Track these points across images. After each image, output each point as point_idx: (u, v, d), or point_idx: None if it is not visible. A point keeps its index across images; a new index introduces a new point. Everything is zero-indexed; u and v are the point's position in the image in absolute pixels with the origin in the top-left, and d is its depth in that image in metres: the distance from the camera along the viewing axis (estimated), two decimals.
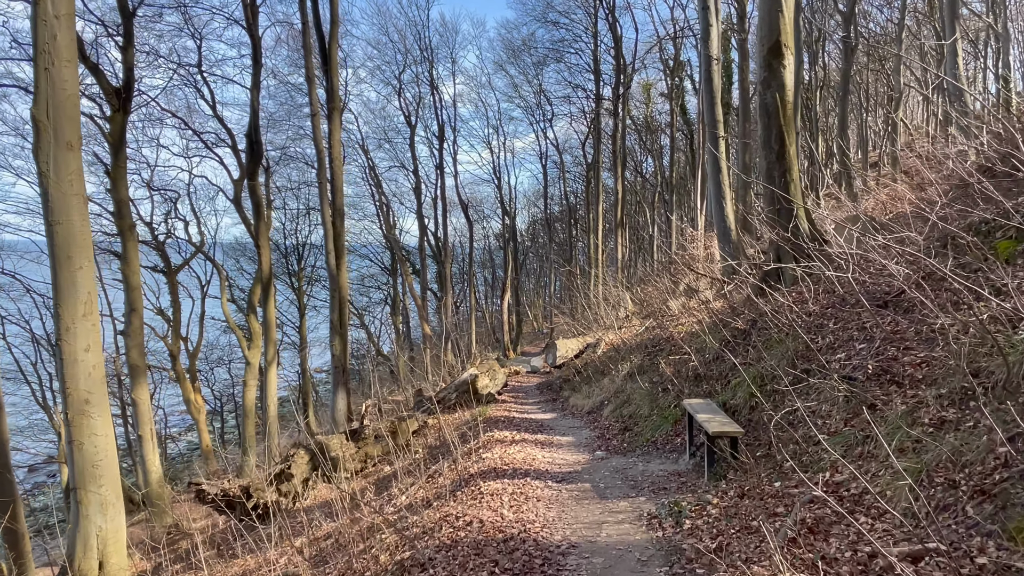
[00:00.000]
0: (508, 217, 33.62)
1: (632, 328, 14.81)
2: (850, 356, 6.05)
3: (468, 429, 10.49)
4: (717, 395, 7.52)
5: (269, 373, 21.23)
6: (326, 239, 17.96)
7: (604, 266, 27.78)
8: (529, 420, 10.43)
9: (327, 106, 17.67)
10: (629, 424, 8.70)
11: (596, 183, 32.57)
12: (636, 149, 43.05)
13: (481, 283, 41.71)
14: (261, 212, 21.03)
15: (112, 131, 17.38)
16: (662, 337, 11.09)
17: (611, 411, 9.77)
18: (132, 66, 17.27)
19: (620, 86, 30.83)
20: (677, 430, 7.55)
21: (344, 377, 18.04)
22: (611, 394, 10.55)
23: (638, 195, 42.52)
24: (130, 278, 17.67)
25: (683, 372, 8.72)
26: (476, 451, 8.00)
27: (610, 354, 13.26)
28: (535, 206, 45.69)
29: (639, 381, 9.77)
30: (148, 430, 18.01)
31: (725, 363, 8.07)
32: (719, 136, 13.85)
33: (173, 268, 26.04)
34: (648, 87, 39.91)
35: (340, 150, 18.14)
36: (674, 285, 14.67)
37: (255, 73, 20.74)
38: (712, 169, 13.92)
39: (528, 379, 18.99)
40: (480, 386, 13.88)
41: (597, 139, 32.16)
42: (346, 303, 18.32)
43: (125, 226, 17.58)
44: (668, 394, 8.51)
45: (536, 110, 35.18)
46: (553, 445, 8.33)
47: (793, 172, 9.68)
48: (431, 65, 29.85)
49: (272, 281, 21.18)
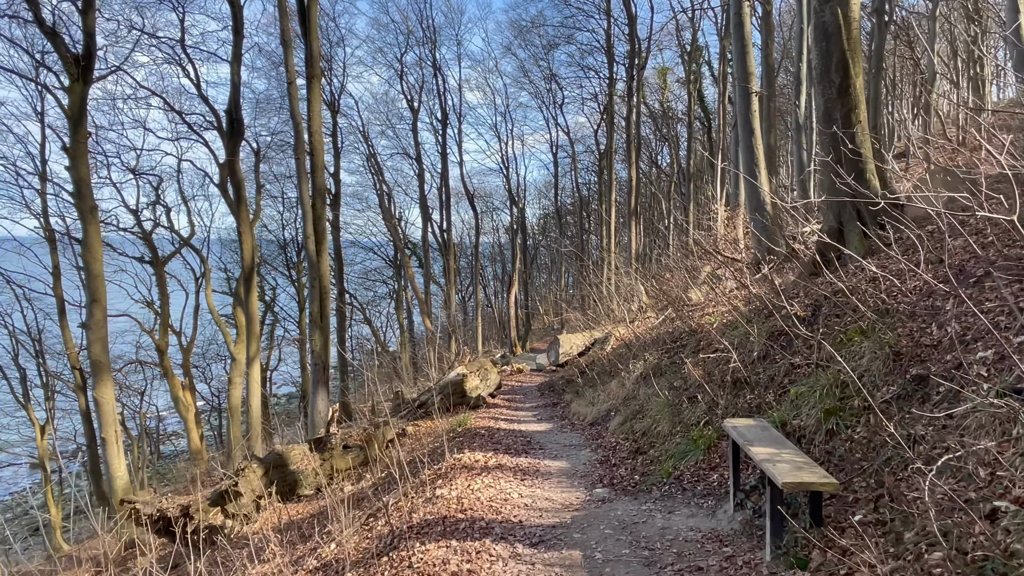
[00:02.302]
0: (516, 207, 31.22)
1: (647, 321, 12.37)
2: (1002, 355, 3.61)
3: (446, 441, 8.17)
4: (770, 410, 5.11)
5: (252, 370, 19.08)
6: (304, 221, 15.74)
7: (617, 256, 25.27)
8: (517, 433, 8.06)
9: (306, 72, 15.44)
10: (643, 445, 6.31)
11: (609, 172, 30.07)
12: (651, 139, 40.41)
13: (491, 277, 39.36)
14: (242, 195, 18.89)
15: (71, 103, 15.33)
16: (684, 330, 8.67)
17: (619, 424, 7.37)
18: (93, 32, 15.18)
19: (635, 67, 28.28)
20: (711, 460, 5.14)
21: (325, 375, 15.80)
22: (620, 401, 8.15)
23: (653, 185, 39.87)
24: (91, 265, 15.59)
25: (717, 375, 6.30)
26: (432, 483, 5.66)
27: (620, 351, 10.85)
28: (545, 198, 43.23)
29: (655, 385, 7.36)
30: (112, 432, 15.86)
31: (777, 364, 5.64)
32: (751, 92, 11.35)
33: (161, 259, 24.06)
34: (664, 73, 37.30)
35: (320, 122, 15.89)
36: (695, 271, 12.21)
37: (236, 45, 18.59)
38: (743, 131, 11.43)
39: (531, 378, 16.63)
40: (469, 388, 11.54)
41: (610, 125, 29.64)
42: (328, 293, 16.12)
43: (86, 208, 15.48)
44: (696, 405, 6.09)
45: (546, 95, 32.73)
46: (539, 475, 5.97)
47: (860, 112, 7.19)
48: (434, 46, 27.57)
49: (255, 272, 19.02)
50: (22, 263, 21.84)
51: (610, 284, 18.94)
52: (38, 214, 20.44)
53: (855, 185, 6.94)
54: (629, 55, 28.59)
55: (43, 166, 20.25)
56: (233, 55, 18.57)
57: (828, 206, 7.24)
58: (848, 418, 4.31)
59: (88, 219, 15.33)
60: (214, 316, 22.34)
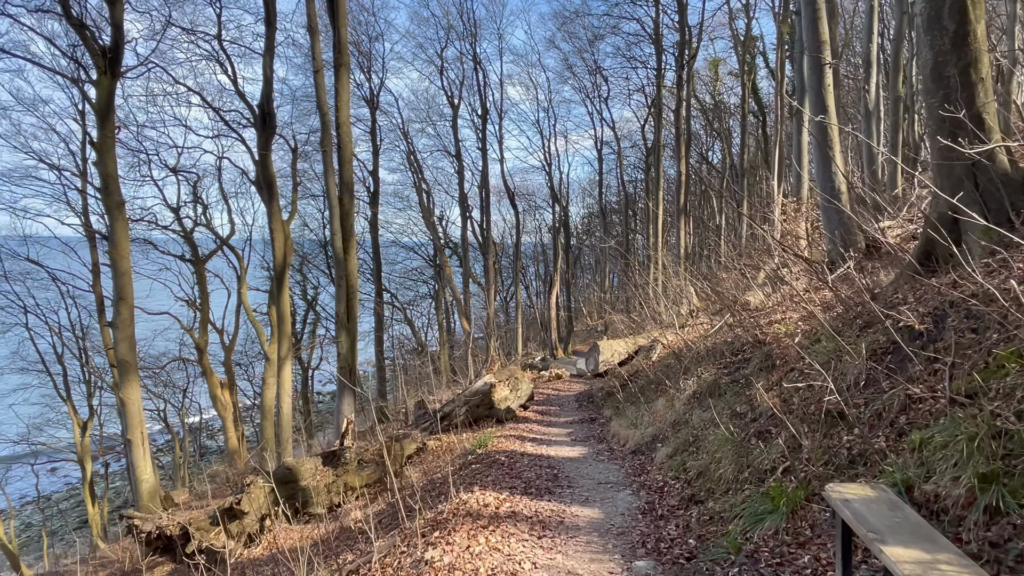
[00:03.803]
0: (559, 205, 29.74)
1: (698, 327, 10.78)
2: None
3: (459, 467, 6.87)
4: (882, 462, 3.59)
5: (283, 370, 18.25)
6: (331, 218, 14.75)
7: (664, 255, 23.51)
8: (543, 462, 6.69)
9: (333, 60, 14.45)
10: (698, 491, 4.85)
11: (656, 168, 28.28)
12: (702, 135, 38.27)
13: (533, 278, 37.97)
14: (274, 192, 18.08)
15: (98, 97, 14.79)
16: (747, 341, 7.12)
17: (667, 457, 5.92)
18: (120, 24, 14.57)
19: (685, 58, 26.41)
20: (798, 530, 3.66)
21: (351, 379, 14.77)
22: (667, 425, 6.68)
23: (704, 183, 37.71)
24: (119, 262, 15.02)
25: (798, 404, 4.78)
26: (426, 536, 4.35)
27: (668, 361, 9.34)
28: (590, 196, 41.50)
29: (712, 410, 5.87)
30: (138, 433, 15.23)
31: (886, 394, 4.10)
32: (824, 63, 9.64)
33: (201, 257, 23.66)
34: (716, 64, 35.19)
35: (348, 113, 14.86)
36: (755, 268, 10.56)
37: (268, 37, 17.77)
38: (815, 109, 9.73)
39: (570, 386, 15.20)
40: (497, 399, 10.22)
41: (658, 119, 27.87)
42: (356, 293, 15.07)
43: (112, 203, 14.90)
44: (771, 445, 4.59)
45: (591, 89, 31.14)
46: (562, 529, 4.59)
47: (982, 67, 5.53)
48: (475, 39, 26.37)
49: (286, 270, 18.20)
50: (67, 261, 21.73)
51: (657, 285, 17.31)
52: (79, 212, 20.22)
53: (977, 159, 5.33)
54: (679, 45, 26.76)
55: (84, 164, 20.00)
56: (265, 48, 17.79)
57: (939, 187, 5.60)
58: (1021, 491, 2.78)
59: (115, 215, 14.76)
60: (249, 315, 21.73)
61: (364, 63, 25.66)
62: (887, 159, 17.78)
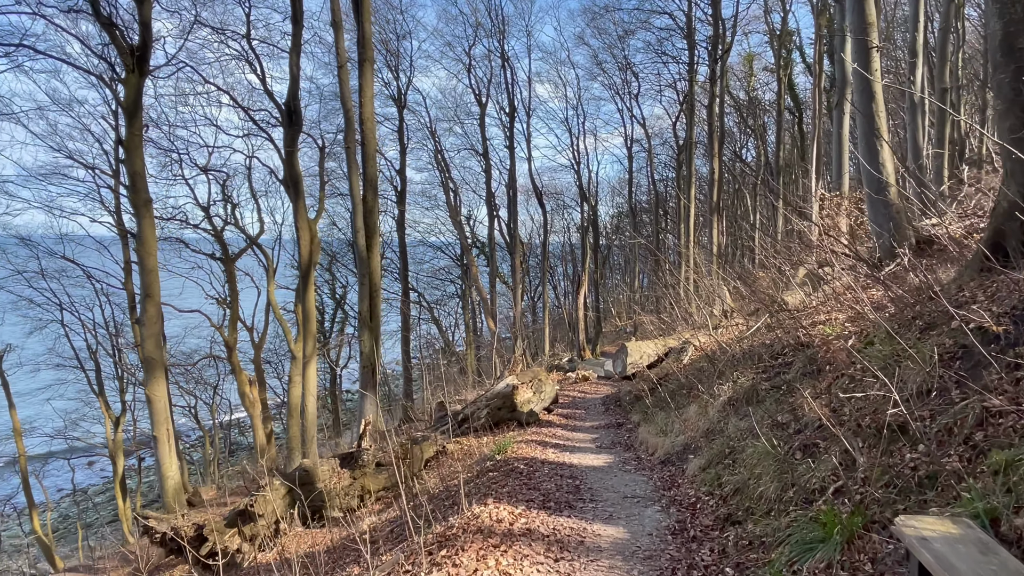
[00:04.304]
0: (587, 204, 29.12)
1: (733, 328, 10.16)
2: None
3: (475, 475, 6.44)
4: (956, 486, 3.04)
5: (307, 369, 18.05)
6: (354, 215, 14.52)
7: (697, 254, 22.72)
8: (565, 470, 6.21)
9: (357, 55, 14.20)
10: (735, 510, 4.33)
11: (688, 165, 27.50)
12: (735, 132, 37.21)
13: (561, 277, 37.38)
14: (300, 190, 17.91)
15: (126, 95, 14.80)
16: (788, 343, 6.53)
17: (700, 469, 5.39)
18: (148, 22, 14.55)
19: (718, 52, 25.58)
20: (855, 564, 3.12)
21: (373, 379, 14.49)
22: (700, 434, 6.15)
23: (737, 181, 36.64)
24: (145, 260, 14.97)
25: (850, 415, 4.22)
26: (432, 553, 3.93)
27: (700, 364, 8.76)
28: (619, 195, 40.68)
29: (751, 418, 5.33)
30: (164, 431, 15.18)
31: (957, 405, 3.53)
32: (871, 46, 8.95)
33: (231, 256, 23.77)
34: (750, 59, 34.17)
35: (372, 109, 14.59)
36: (795, 265, 9.90)
37: (295, 35, 17.61)
38: (861, 97, 9.05)
39: (597, 388, 14.67)
40: (519, 402, 9.76)
41: (690, 116, 27.07)
42: (379, 291, 14.80)
43: (140, 201, 14.87)
44: (820, 460, 4.04)
45: (621, 86, 30.45)
46: (582, 551, 4.12)
47: None
48: (503, 36, 25.97)
49: (311, 268, 18.02)
50: (101, 260, 22.02)
51: (688, 284, 16.64)
52: (112, 211, 20.45)
53: None
54: (712, 40, 25.93)
55: (116, 163, 20.20)
56: (292, 46, 17.64)
57: (1010, 171, 4.97)
58: None
59: (143, 212, 14.75)
60: (276, 313, 21.71)
61: (392, 61, 25.51)
62: (933, 153, 16.86)
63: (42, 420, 22.44)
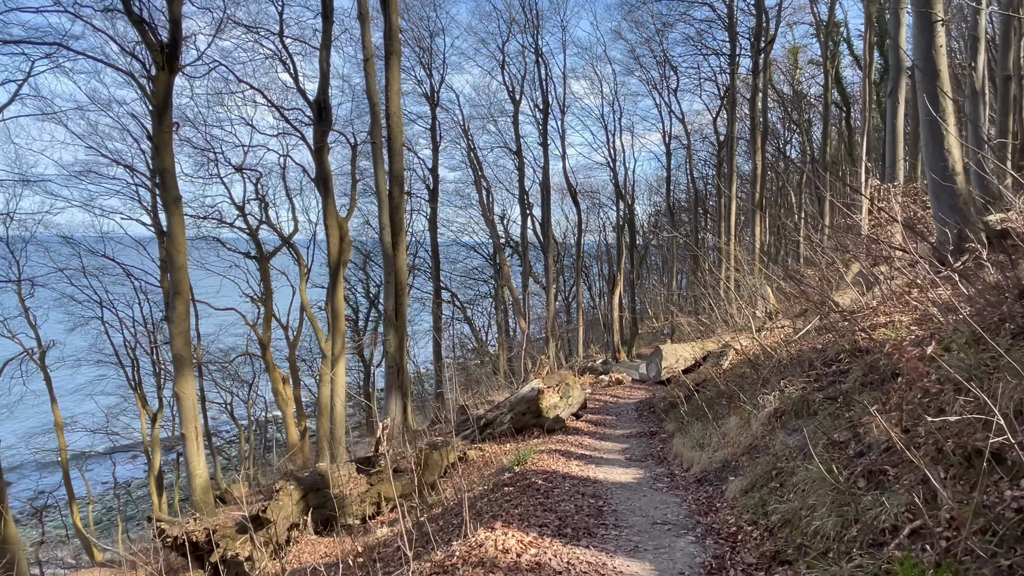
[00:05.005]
0: (623, 202, 28.25)
1: (778, 331, 9.32)
2: None
3: (489, 489, 5.85)
4: None
5: (336, 368, 17.80)
6: (380, 212, 14.13)
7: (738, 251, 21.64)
8: (588, 487, 5.54)
9: (384, 48, 13.82)
10: (785, 546, 3.62)
11: (730, 161, 26.37)
12: (779, 128, 35.75)
13: (596, 278, 36.50)
14: (329, 187, 17.67)
15: (156, 92, 14.73)
16: (843, 348, 5.74)
17: (742, 491, 4.68)
18: (179, 19, 14.45)
19: (761, 44, 24.42)
20: None
21: (399, 379, 14.08)
22: (742, 450, 5.42)
23: (780, 179, 35.16)
24: (175, 257, 14.88)
25: (927, 436, 3.47)
26: None
27: (742, 370, 7.98)
28: (656, 194, 39.54)
29: (802, 432, 4.59)
30: (192, 428, 15.03)
31: None
32: (935, 20, 8.02)
33: (265, 255, 23.81)
34: (795, 52, 32.73)
35: (399, 103, 14.18)
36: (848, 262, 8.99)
37: (325, 31, 17.39)
38: (925, 77, 8.13)
39: (630, 392, 13.92)
40: (545, 406, 9.14)
41: (732, 110, 25.96)
42: (405, 290, 14.38)
43: (169, 199, 14.79)
44: (891, 493, 3.31)
45: (659, 81, 29.47)
46: None
47: None
48: (537, 32, 25.37)
49: (340, 267, 17.75)
50: (139, 259, 22.30)
51: (729, 284, 15.72)
52: (149, 209, 20.64)
53: None
54: (755, 31, 24.78)
55: (153, 162, 20.34)
56: (322, 42, 17.42)
57: None
58: None
59: (172, 210, 14.66)
60: (307, 312, 21.61)
61: (425, 59, 25.17)
62: (997, 144, 15.58)
63: (83, 415, 22.85)
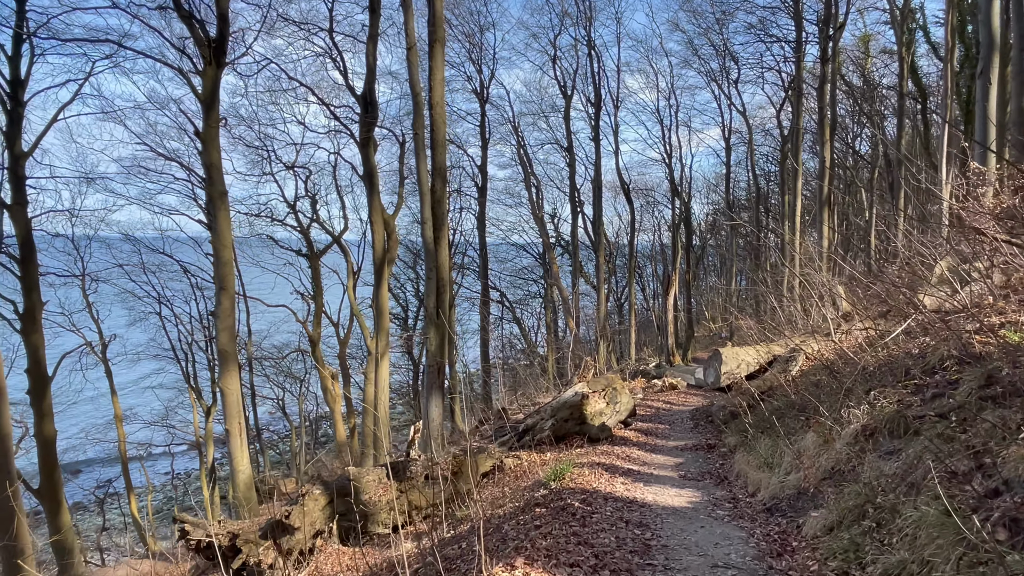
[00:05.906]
0: (679, 200, 26.92)
1: (856, 333, 8.14)
2: None
3: (520, 508, 5.07)
4: None
5: (380, 366, 17.46)
6: (422, 205, 13.56)
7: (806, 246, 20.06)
8: (634, 512, 4.67)
9: (428, 36, 13.27)
10: None
11: (795, 156, 24.67)
12: (848, 122, 33.48)
13: (650, 278, 35.13)
14: (374, 183, 17.35)
15: (204, 87, 14.75)
16: (951, 354, 4.67)
17: (826, 531, 3.73)
18: (226, 14, 14.38)
19: (830, 30, 22.69)
20: None
21: (440, 379, 13.46)
22: (823, 473, 4.44)
23: (849, 174, 32.88)
24: (220, 252, 14.81)
25: None
26: None
27: (816, 377, 6.90)
28: (715, 191, 37.76)
29: (903, 454, 3.61)
30: (236, 424, 14.87)
31: None
32: None
33: (316, 252, 23.82)
34: (866, 40, 30.55)
35: (442, 92, 13.58)
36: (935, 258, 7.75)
37: (372, 24, 17.09)
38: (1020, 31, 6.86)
39: (685, 398, 12.86)
40: (589, 413, 8.28)
41: (797, 102, 24.30)
42: (447, 287, 13.76)
43: (215, 193, 14.74)
44: None
45: (719, 73, 27.97)
46: None
47: None
48: (590, 24, 24.43)
49: (385, 264, 17.39)
50: (195, 256, 22.66)
51: (795, 282, 14.38)
52: (204, 207, 20.86)
53: None
54: (823, 17, 23.07)
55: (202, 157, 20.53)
56: (369, 36, 17.12)
57: None
58: None
59: (218, 205, 14.59)
60: (353, 310, 21.42)
61: (475, 55, 24.63)
62: None
63: (142, 408, 23.37)
